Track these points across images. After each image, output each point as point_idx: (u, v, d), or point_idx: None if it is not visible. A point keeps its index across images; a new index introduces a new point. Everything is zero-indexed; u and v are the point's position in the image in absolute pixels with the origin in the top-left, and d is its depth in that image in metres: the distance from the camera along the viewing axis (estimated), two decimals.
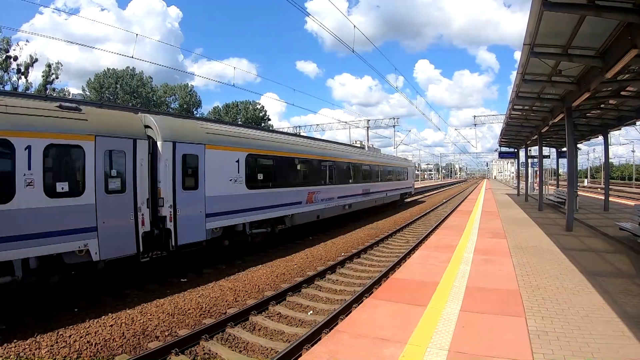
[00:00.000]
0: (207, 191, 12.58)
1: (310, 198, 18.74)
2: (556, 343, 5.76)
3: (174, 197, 11.46)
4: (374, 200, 28.48)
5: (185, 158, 12.00)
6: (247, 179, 14.36)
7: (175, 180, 11.56)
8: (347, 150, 26.29)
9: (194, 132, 12.64)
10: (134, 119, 11.38)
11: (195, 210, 12.20)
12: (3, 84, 60.06)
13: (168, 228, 11.31)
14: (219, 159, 13.19)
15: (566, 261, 10.80)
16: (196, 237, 12.17)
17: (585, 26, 9.85)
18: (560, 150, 34.64)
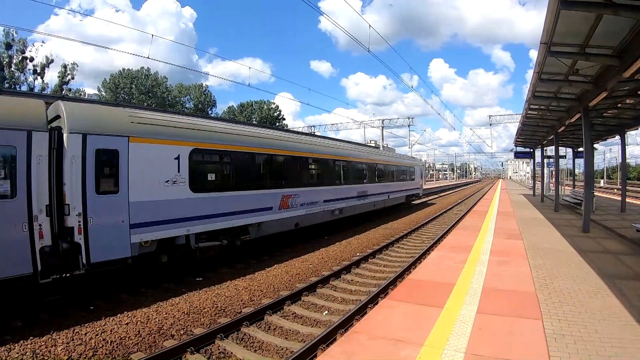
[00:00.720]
0: (132, 195, 10.14)
1: (284, 203, 15.89)
2: (573, 346, 5.71)
3: (84, 204, 9.22)
4: (373, 203, 25.38)
5: (100, 154, 9.63)
6: (191, 180, 11.73)
7: (85, 182, 9.28)
8: (337, 146, 22.56)
9: (113, 121, 10.18)
10: (29, 106, 9.04)
11: (114, 220, 9.82)
12: (19, 84, 60.83)
13: (77, 242, 9.13)
14: (150, 155, 10.68)
15: (583, 263, 10.69)
16: (116, 254, 9.83)
17: (603, 25, 9.76)
18: (577, 150, 34.29)
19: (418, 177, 38.59)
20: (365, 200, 23.91)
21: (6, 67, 59.77)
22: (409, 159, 38.80)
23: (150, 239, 10.65)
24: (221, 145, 13.06)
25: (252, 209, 14.08)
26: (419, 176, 39.05)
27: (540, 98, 17.39)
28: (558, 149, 26.91)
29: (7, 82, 58.53)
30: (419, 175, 39.06)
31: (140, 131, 10.52)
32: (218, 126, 13.89)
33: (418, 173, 38.78)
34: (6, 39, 59.39)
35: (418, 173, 38.78)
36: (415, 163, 39.55)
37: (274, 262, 14.06)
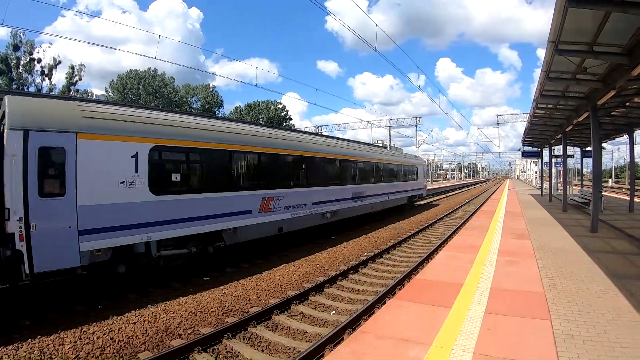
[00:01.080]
0: (81, 199, 9.09)
1: (266, 205, 14.42)
2: (582, 347, 5.68)
3: (25, 208, 8.32)
4: (371, 205, 23.74)
5: (44, 152, 8.72)
6: (151, 181, 10.56)
7: (27, 183, 8.37)
8: (327, 143, 20.62)
9: (60, 117, 9.17)
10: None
11: (60, 225, 8.82)
12: (27, 85, 61.23)
13: (19, 250, 8.23)
14: (102, 153, 9.60)
15: (591, 263, 10.62)
16: (63, 263, 8.85)
17: (611, 22, 9.67)
18: (585, 149, 34.11)
19: (421, 177, 36.81)
20: (361, 202, 22.20)
21: (14, 68, 60.21)
22: (411, 158, 36.27)
23: (103, 246, 9.62)
24: (188, 142, 11.79)
25: (225, 212, 12.70)
26: (422, 176, 37.15)
27: (548, 97, 17.29)
28: (566, 148, 26.77)
29: (15, 83, 58.99)
30: (422, 175, 37.20)
31: (91, 127, 9.48)
32: (184, 121, 12.46)
33: (421, 173, 36.99)
34: (14, 40, 59.86)
35: (421, 173, 36.99)
36: (418, 162, 37.41)
37: (281, 262, 14.08)
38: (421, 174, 36.67)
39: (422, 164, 38.60)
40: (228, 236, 12.89)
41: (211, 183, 12.41)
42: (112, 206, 9.76)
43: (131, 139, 10.26)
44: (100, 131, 9.62)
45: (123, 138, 10.09)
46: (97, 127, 9.58)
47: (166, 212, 10.94)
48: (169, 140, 11.24)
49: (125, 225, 10.01)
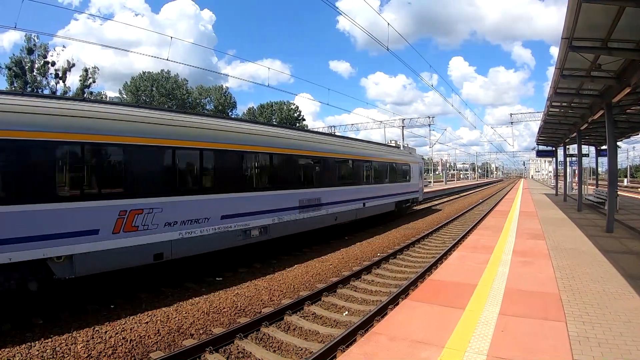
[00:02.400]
0: None
1: (127, 222, 9.64)
2: (598, 350, 5.59)
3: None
4: (333, 216, 17.83)
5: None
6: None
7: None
8: (251, 131, 14.10)
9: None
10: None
11: None
12: (41, 88, 61.83)
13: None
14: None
15: (607, 264, 10.48)
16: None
17: (625, 18, 9.53)
18: (600, 148, 33.73)
19: (416, 178, 30.00)
20: (315, 212, 16.49)
21: (28, 71, 60.86)
22: (401, 154, 29.00)
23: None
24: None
25: (47, 234, 8.32)
26: (417, 176, 30.32)
27: (562, 95, 17.12)
28: (581, 147, 26.48)
29: (30, 86, 59.60)
30: (417, 175, 30.33)
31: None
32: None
33: (415, 172, 30.00)
34: (28, 44, 60.51)
35: (415, 172, 30.00)
36: (412, 159, 30.03)
37: (294, 262, 14.10)
38: (415, 173, 30.02)
39: (417, 162, 31.46)
40: (59, 267, 8.64)
41: (18, 190, 8.12)
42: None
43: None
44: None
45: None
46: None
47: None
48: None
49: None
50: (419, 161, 32.38)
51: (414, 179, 29.38)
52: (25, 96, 9.49)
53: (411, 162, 29.34)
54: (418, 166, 31.17)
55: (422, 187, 33.60)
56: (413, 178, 29.28)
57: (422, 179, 33.15)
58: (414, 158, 30.96)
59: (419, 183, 31.31)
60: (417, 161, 31.69)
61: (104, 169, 9.74)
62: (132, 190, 9.88)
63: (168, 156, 10.85)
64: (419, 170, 31.56)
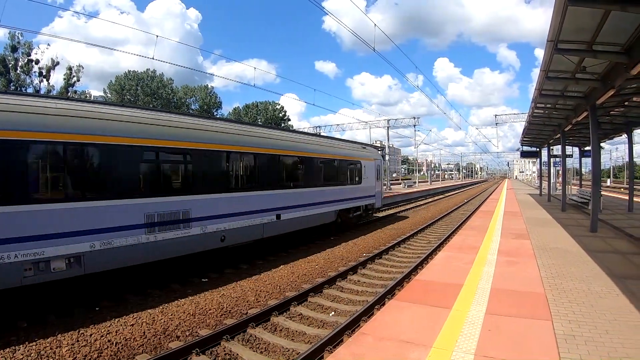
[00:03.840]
0: None
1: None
2: (584, 348, 5.63)
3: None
4: (217, 235, 12.54)
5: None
6: None
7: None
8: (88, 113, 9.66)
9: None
10: None
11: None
12: (25, 87, 61.13)
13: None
14: None
15: (591, 263, 10.59)
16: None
17: (610, 21, 9.61)
18: (583, 149, 34.12)
19: (371, 179, 23.99)
20: (182, 230, 11.37)
21: (12, 69, 60.11)
22: (347, 147, 22.94)
23: None
24: None
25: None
26: (372, 177, 24.13)
27: (547, 96, 17.27)
28: (565, 147, 26.77)
29: (13, 84, 58.88)
30: (372, 176, 24.14)
31: None
32: None
33: (370, 172, 23.95)
34: (12, 41, 59.77)
35: (370, 172, 23.95)
36: (365, 155, 24.16)
37: (280, 263, 14.04)
38: (370, 173, 23.93)
39: (373, 158, 24.98)
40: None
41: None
42: None
43: None
44: None
45: None
46: None
47: None
48: None
49: None
50: (375, 158, 25.64)
51: (367, 180, 23.32)
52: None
53: (364, 159, 23.37)
54: (374, 164, 24.81)
55: (382, 190, 28.07)
56: (367, 179, 23.21)
57: (381, 181, 27.41)
58: (368, 154, 24.74)
59: (376, 185, 25.04)
60: (373, 158, 25.10)
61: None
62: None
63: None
64: (377, 169, 25.18)
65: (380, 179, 26.45)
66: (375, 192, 24.85)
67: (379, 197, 25.76)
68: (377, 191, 25.38)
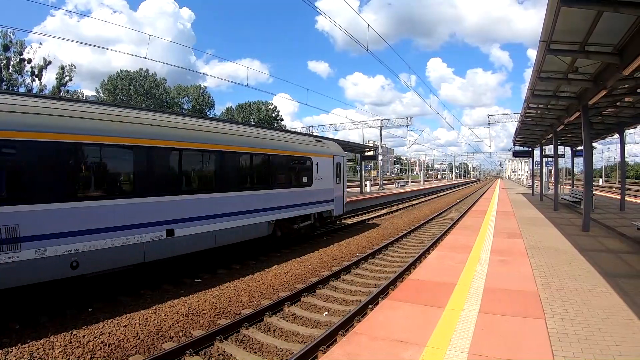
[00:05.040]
0: None
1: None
2: (577, 345, 5.65)
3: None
4: (68, 259, 8.93)
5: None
6: None
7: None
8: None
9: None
10: None
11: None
12: (17, 86, 60.75)
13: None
14: None
15: (584, 262, 10.64)
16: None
17: (603, 22, 9.69)
18: (575, 149, 34.33)
19: (327, 180, 19.49)
20: (9, 253, 8.03)
21: (4, 69, 59.74)
22: (290, 140, 18.20)
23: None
24: None
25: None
26: (328, 177, 19.64)
27: (540, 97, 17.35)
28: (557, 147, 26.89)
29: (5, 84, 58.46)
30: (328, 176, 19.64)
31: None
32: None
33: (326, 171, 19.43)
34: (4, 40, 59.38)
35: (326, 171, 19.43)
36: (317, 150, 19.26)
37: (273, 263, 14.00)
38: (326, 173, 19.43)
39: (329, 155, 20.17)
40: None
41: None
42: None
43: None
44: None
45: None
46: None
47: None
48: None
49: None
50: (335, 154, 20.66)
51: (321, 181, 18.85)
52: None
53: (316, 155, 18.71)
54: (332, 162, 20.16)
55: (344, 194, 21.81)
56: (320, 181, 18.73)
57: (343, 183, 21.79)
58: (323, 149, 19.87)
59: (336, 188, 20.39)
60: (331, 154, 20.25)
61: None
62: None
63: None
64: (336, 168, 20.55)
65: (342, 180, 21.37)
66: (334, 196, 20.11)
67: (339, 202, 20.79)
68: (337, 195, 20.51)
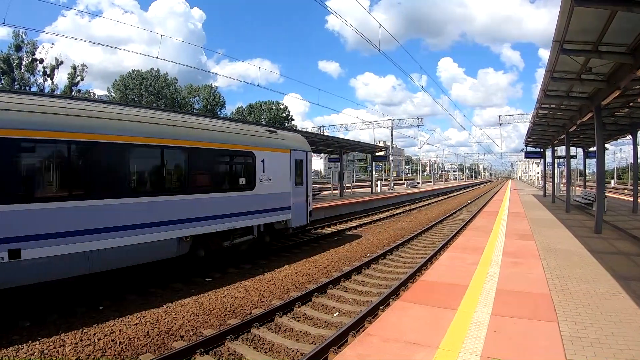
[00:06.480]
0: None
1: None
2: (590, 349, 5.60)
3: None
4: None
5: None
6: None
7: None
8: None
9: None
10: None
11: None
12: (29, 86, 61.38)
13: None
14: None
15: (596, 264, 10.55)
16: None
17: (616, 22, 9.61)
18: (587, 150, 34.06)
19: (281, 180, 15.48)
20: None
21: (16, 68, 60.36)
22: (220, 128, 13.79)
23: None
24: None
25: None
26: (284, 177, 15.69)
27: (552, 97, 17.22)
28: (569, 148, 26.69)
29: (17, 83, 59.09)
30: (284, 175, 15.70)
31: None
32: None
33: (280, 169, 15.51)
34: (16, 40, 60.05)
35: (280, 169, 15.51)
36: (270, 143, 15.34)
37: (284, 263, 14.02)
38: (278, 171, 15.35)
39: (286, 148, 16.07)
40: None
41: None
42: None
43: None
44: None
45: None
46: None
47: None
48: None
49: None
50: (291, 148, 16.29)
51: (270, 183, 14.78)
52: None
53: (262, 150, 14.54)
54: (289, 158, 16.08)
55: (308, 199, 17.41)
56: (268, 182, 14.68)
57: (307, 185, 17.26)
58: (272, 141, 15.56)
59: (294, 193, 16.24)
60: (287, 148, 16.10)
61: None
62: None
63: None
64: (293, 166, 16.26)
65: (305, 182, 17.06)
66: (293, 202, 16.04)
67: (299, 210, 16.53)
68: (297, 202, 16.38)
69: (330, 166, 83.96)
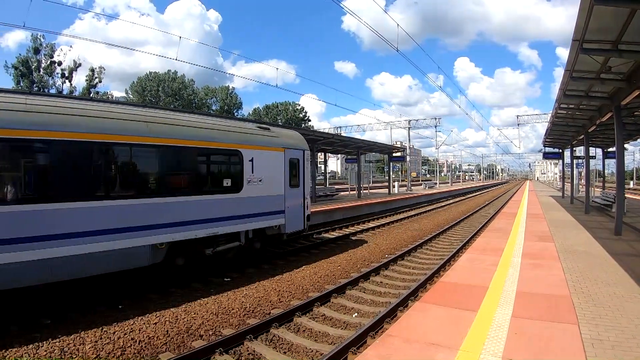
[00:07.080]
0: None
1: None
2: (611, 352, 5.58)
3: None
4: None
5: None
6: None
7: None
8: None
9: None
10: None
11: None
12: (48, 88, 62.30)
13: None
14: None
15: (617, 267, 10.44)
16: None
17: (636, 20, 9.53)
18: (607, 150, 33.62)
19: (274, 182, 14.19)
20: None
21: (35, 71, 61.30)
22: (208, 125, 12.63)
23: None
24: None
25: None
26: (277, 178, 14.36)
27: (571, 97, 17.07)
28: (588, 149, 26.40)
29: (36, 85, 59.99)
30: (277, 176, 14.37)
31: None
32: None
33: (273, 169, 14.21)
34: (34, 43, 61.00)
35: (273, 169, 14.21)
36: (260, 141, 13.88)
37: (302, 263, 14.08)
38: (270, 172, 14.03)
39: (280, 147, 14.69)
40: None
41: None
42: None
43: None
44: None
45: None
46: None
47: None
48: None
49: None
50: (284, 146, 14.93)
51: (260, 185, 13.50)
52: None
53: (250, 148, 13.27)
54: (281, 157, 14.69)
55: (305, 202, 15.96)
56: (258, 184, 13.40)
57: (304, 187, 15.90)
58: (264, 139, 14.19)
59: (289, 195, 14.93)
60: (279, 146, 14.71)
61: None
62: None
63: None
64: (287, 166, 14.94)
65: (302, 184, 15.78)
66: (287, 206, 14.77)
67: (295, 214, 15.24)
68: (292, 205, 15.10)
69: (347, 167, 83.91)
